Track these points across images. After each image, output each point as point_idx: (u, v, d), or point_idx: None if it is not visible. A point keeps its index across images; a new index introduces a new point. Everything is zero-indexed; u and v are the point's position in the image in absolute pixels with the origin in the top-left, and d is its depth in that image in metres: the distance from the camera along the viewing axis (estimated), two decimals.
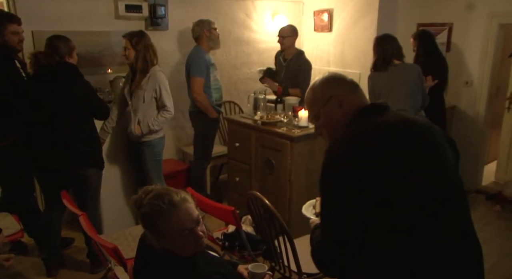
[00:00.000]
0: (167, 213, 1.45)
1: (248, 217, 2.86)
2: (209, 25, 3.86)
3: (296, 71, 4.03)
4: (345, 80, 1.46)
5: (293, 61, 4.07)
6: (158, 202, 1.47)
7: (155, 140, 3.30)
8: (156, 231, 1.49)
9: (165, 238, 1.47)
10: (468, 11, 4.36)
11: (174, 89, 3.85)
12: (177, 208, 1.47)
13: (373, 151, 1.24)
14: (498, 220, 3.86)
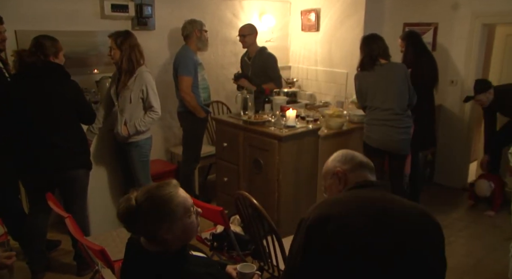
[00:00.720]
0: (175, 196, 1.50)
1: (236, 217, 2.86)
2: (201, 26, 3.89)
3: (262, 67, 4.16)
4: (351, 159, 1.69)
5: (257, 57, 4.16)
6: (161, 190, 1.49)
7: (142, 141, 3.28)
8: (164, 221, 1.47)
9: (175, 224, 1.48)
10: (453, 11, 4.42)
11: (162, 89, 3.83)
12: (178, 189, 1.53)
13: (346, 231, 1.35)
14: (484, 217, 3.91)
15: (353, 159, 1.68)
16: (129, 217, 1.47)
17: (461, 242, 3.58)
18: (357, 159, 1.69)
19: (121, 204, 1.49)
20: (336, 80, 5.07)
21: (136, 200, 1.48)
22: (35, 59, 2.70)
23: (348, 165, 1.66)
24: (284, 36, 5.50)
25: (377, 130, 3.31)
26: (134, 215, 1.46)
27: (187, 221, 1.51)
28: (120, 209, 1.48)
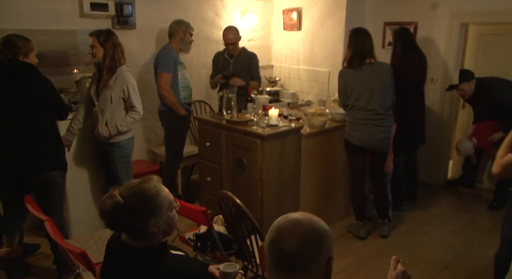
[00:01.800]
0: (160, 190, 1.54)
1: (220, 216, 2.85)
2: (187, 28, 3.89)
3: (247, 66, 4.22)
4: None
5: (242, 56, 4.20)
6: (146, 185, 1.52)
7: (124, 141, 3.24)
8: (152, 216, 1.50)
9: (161, 217, 1.52)
10: (432, 11, 4.48)
11: (143, 89, 3.79)
12: (161, 185, 1.57)
13: None
14: (463, 212, 3.99)
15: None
16: (115, 214, 1.47)
17: (442, 237, 3.65)
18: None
19: (105, 201, 1.49)
20: (318, 79, 5.10)
21: (122, 196, 1.48)
22: (2, 58, 2.64)
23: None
24: (266, 35, 5.51)
25: (361, 129, 3.34)
26: (121, 211, 1.46)
27: (170, 214, 1.57)
28: (106, 206, 1.47)
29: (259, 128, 3.27)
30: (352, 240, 3.58)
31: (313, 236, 1.20)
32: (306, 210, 3.38)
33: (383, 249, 3.45)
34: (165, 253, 1.57)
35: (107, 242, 1.62)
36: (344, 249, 3.44)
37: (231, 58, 4.20)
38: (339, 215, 3.91)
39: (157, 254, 1.53)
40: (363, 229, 3.61)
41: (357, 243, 3.54)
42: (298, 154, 3.42)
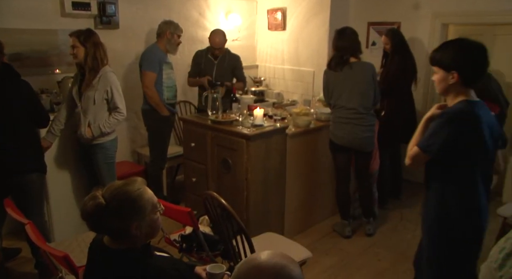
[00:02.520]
0: (144, 192, 1.52)
1: (205, 217, 2.84)
2: (175, 29, 3.87)
3: (232, 67, 4.24)
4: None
5: (226, 57, 4.20)
6: (130, 187, 1.50)
7: (108, 142, 3.20)
8: (135, 218, 1.48)
9: (144, 220, 1.50)
10: (415, 11, 4.54)
11: (128, 89, 3.76)
12: (145, 187, 1.55)
13: None
14: None
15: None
16: (97, 215, 1.45)
17: None
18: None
19: (87, 203, 1.47)
20: (303, 79, 5.12)
21: (104, 198, 1.46)
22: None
23: None
24: (251, 35, 5.50)
25: (342, 128, 3.36)
26: (103, 213, 1.44)
27: (153, 217, 1.54)
28: (88, 207, 1.45)
29: (244, 128, 3.26)
30: (338, 239, 3.60)
31: None
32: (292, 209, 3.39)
33: (368, 248, 3.48)
34: (148, 254, 1.55)
35: (90, 245, 1.60)
36: (330, 248, 3.46)
37: (215, 60, 4.18)
38: (325, 214, 3.93)
39: (140, 256, 1.51)
40: (348, 228, 3.63)
41: (343, 242, 3.56)
42: (283, 154, 3.42)
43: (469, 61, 1.93)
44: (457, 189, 2.00)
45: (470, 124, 1.92)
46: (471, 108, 1.93)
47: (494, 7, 3.98)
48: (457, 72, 1.93)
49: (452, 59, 1.95)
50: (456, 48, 1.97)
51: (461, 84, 1.95)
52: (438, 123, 1.96)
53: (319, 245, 3.48)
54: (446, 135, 1.92)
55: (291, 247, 2.63)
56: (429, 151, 1.98)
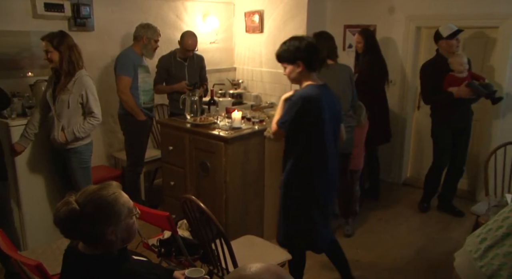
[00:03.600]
0: (119, 197, 1.49)
1: (184, 221, 2.81)
2: (153, 34, 3.80)
3: (199, 68, 4.30)
4: None
5: (195, 58, 4.23)
6: (104, 192, 1.47)
7: (82, 147, 3.13)
8: (110, 223, 1.45)
9: (119, 225, 1.47)
10: (389, 15, 4.62)
11: (103, 93, 3.69)
12: (121, 192, 1.52)
13: None
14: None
15: None
16: (71, 221, 1.41)
17: (403, 234, 3.75)
18: None
19: (60, 208, 1.43)
20: (281, 81, 5.13)
21: (78, 203, 1.43)
22: None
23: None
24: (228, 37, 5.50)
25: None
26: (77, 219, 1.41)
27: (129, 222, 1.52)
28: (60, 213, 1.42)
29: (223, 131, 3.25)
30: None
31: None
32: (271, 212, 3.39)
33: (347, 248, 3.48)
34: (125, 259, 1.53)
35: (64, 252, 1.56)
36: None
37: (185, 62, 4.16)
38: None
39: (115, 260, 1.49)
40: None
41: None
42: (262, 156, 3.42)
43: (307, 50, 2.42)
44: (302, 156, 2.48)
45: (311, 104, 2.39)
46: (314, 90, 2.42)
47: (466, 11, 4.08)
48: (301, 61, 2.41)
49: (294, 52, 2.42)
50: (295, 43, 2.44)
51: (306, 70, 2.45)
52: (289, 104, 2.43)
53: None
54: (294, 113, 2.38)
55: (270, 249, 2.63)
56: (283, 126, 2.44)
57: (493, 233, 1.37)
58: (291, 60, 2.45)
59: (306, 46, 2.42)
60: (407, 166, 4.99)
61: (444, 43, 3.74)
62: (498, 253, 1.32)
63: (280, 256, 2.54)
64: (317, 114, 2.41)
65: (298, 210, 2.56)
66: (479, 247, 1.40)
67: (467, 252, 1.43)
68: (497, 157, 3.39)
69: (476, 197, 4.30)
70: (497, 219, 1.40)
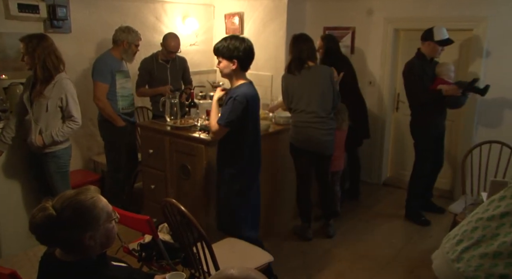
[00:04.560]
0: (98, 201, 1.46)
1: (165, 225, 2.79)
2: (134, 39, 3.73)
3: (182, 70, 4.29)
4: None
5: (177, 60, 4.22)
6: (82, 196, 1.44)
7: (60, 151, 3.07)
8: (88, 229, 1.42)
9: (98, 230, 1.44)
10: (368, 17, 4.68)
11: (82, 96, 3.62)
12: (99, 196, 1.50)
13: None
14: (401, 209, 4.17)
15: None
16: (47, 228, 1.38)
17: (383, 234, 3.80)
18: None
19: (36, 214, 1.39)
20: (261, 83, 5.13)
21: (55, 208, 1.39)
22: None
23: None
24: (208, 39, 5.48)
25: (303, 132, 3.40)
26: (53, 225, 1.37)
27: (109, 226, 1.49)
28: (36, 220, 1.38)
29: (203, 133, 3.23)
30: (299, 241, 3.63)
31: None
32: None
33: (329, 249, 3.53)
34: (104, 265, 1.50)
35: (40, 259, 1.52)
36: (291, 251, 3.48)
37: (167, 64, 4.12)
38: (287, 217, 3.96)
39: (94, 267, 1.46)
40: (309, 230, 3.67)
41: (304, 244, 3.59)
42: None
43: (244, 52, 2.59)
44: (244, 151, 2.70)
45: (253, 102, 2.64)
46: (251, 89, 2.67)
47: (441, 14, 4.17)
48: (237, 60, 2.58)
49: (233, 50, 2.57)
50: (235, 43, 2.58)
51: (239, 69, 2.63)
52: (234, 103, 2.56)
53: (280, 248, 3.49)
54: (240, 111, 2.56)
55: (252, 251, 2.62)
56: (230, 125, 2.60)
57: (468, 234, 1.40)
58: (227, 57, 2.61)
59: (244, 49, 2.60)
60: (387, 166, 5.05)
61: (431, 44, 3.69)
62: (474, 255, 1.35)
63: (262, 258, 2.53)
64: (255, 111, 2.70)
65: (241, 201, 2.79)
66: (455, 248, 1.42)
67: (444, 253, 1.46)
68: (474, 156, 3.47)
69: (455, 196, 4.38)
70: (471, 220, 1.43)
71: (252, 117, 2.68)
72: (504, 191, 1.38)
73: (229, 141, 2.73)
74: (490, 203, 1.40)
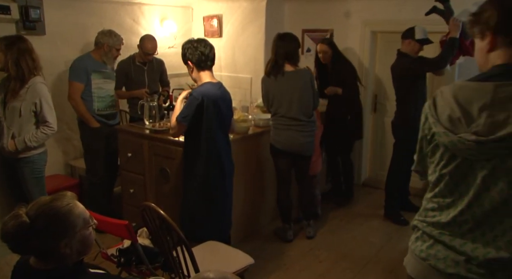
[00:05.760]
0: (74, 207, 1.43)
1: (144, 229, 2.75)
2: (115, 43, 3.70)
3: (159, 72, 4.26)
4: None
5: (154, 63, 4.18)
6: (58, 203, 1.40)
7: (35, 156, 3.00)
8: (63, 236, 1.38)
9: (74, 237, 1.40)
10: (346, 19, 4.73)
11: (58, 99, 3.57)
12: (76, 199, 1.47)
13: None
14: (380, 209, 4.23)
15: None
16: (20, 236, 1.34)
17: (363, 234, 3.84)
18: None
19: (8, 222, 1.35)
20: (240, 85, 5.14)
21: (28, 216, 1.35)
22: None
23: None
24: None
25: (283, 134, 3.41)
26: (27, 233, 1.34)
27: (85, 233, 1.45)
28: (9, 227, 1.34)
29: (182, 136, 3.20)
30: (280, 243, 3.64)
31: None
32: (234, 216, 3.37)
33: (309, 250, 3.54)
34: (81, 272, 1.46)
35: (13, 268, 1.48)
36: (272, 252, 3.48)
37: (144, 66, 4.09)
38: (268, 219, 3.96)
39: (71, 274, 1.42)
40: (289, 231, 3.68)
41: (285, 246, 3.60)
42: None
43: (192, 52, 2.71)
44: (203, 149, 2.75)
45: (210, 100, 2.67)
46: (212, 87, 2.73)
47: (417, 16, 4.22)
48: (191, 61, 2.73)
49: (184, 54, 2.75)
50: (185, 46, 2.75)
51: (196, 70, 2.76)
52: (190, 99, 2.67)
53: (261, 250, 3.49)
54: (195, 108, 2.63)
55: (233, 254, 2.61)
56: (184, 121, 2.66)
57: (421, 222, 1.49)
58: (184, 62, 2.77)
59: (189, 49, 2.72)
60: (366, 167, 5.11)
61: (412, 43, 3.73)
62: (425, 242, 1.45)
63: (243, 261, 2.52)
64: (214, 109, 2.71)
65: (204, 205, 2.84)
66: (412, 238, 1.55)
67: (409, 246, 1.57)
68: None
69: None
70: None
71: (210, 117, 2.70)
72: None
73: (188, 141, 2.80)
74: None
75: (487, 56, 1.30)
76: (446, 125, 1.28)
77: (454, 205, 1.33)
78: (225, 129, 2.89)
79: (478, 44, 1.33)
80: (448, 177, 1.33)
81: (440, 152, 1.34)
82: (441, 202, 1.37)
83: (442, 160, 1.34)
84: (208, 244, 2.70)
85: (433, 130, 1.34)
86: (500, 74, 1.24)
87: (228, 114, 2.90)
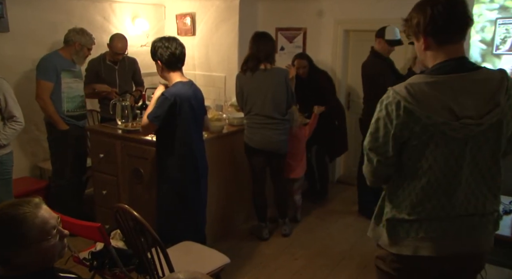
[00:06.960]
0: (30, 217, 1.32)
1: (117, 231, 2.70)
2: (87, 42, 3.61)
3: (131, 71, 4.19)
4: None
5: (126, 62, 4.11)
6: (14, 210, 1.31)
7: (4, 157, 2.90)
8: (14, 245, 1.30)
9: (28, 249, 1.31)
10: (319, 18, 4.77)
11: (24, 99, 3.44)
12: (40, 208, 1.36)
13: None
14: (354, 206, 4.29)
15: None
16: None
17: (337, 231, 3.88)
18: None
19: None
20: (214, 84, 5.11)
21: None
22: None
23: None
24: None
25: (258, 132, 3.41)
26: None
27: (45, 245, 1.35)
28: None
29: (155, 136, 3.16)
30: (256, 242, 3.64)
31: None
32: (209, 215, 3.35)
33: (285, 248, 3.56)
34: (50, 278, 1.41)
35: None
36: (248, 251, 3.48)
37: (115, 65, 4.01)
38: (243, 218, 3.95)
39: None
40: (265, 230, 3.68)
41: (261, 244, 3.60)
42: None
43: (161, 52, 2.67)
44: (175, 148, 2.72)
45: (182, 99, 2.65)
46: (184, 87, 2.70)
47: (389, 15, 4.29)
48: (160, 60, 2.69)
49: (154, 53, 2.70)
50: (155, 45, 2.70)
51: (166, 69, 2.72)
52: (162, 99, 2.63)
53: (238, 249, 3.48)
54: (167, 107, 2.61)
55: (208, 254, 2.59)
56: (156, 121, 2.63)
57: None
58: (154, 60, 2.73)
59: (159, 48, 2.67)
60: (339, 164, 5.17)
61: (382, 42, 3.79)
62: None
63: (218, 261, 2.51)
64: (187, 108, 2.69)
65: (178, 205, 2.80)
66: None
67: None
68: None
69: None
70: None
71: (184, 117, 2.68)
72: None
73: (161, 142, 2.78)
74: None
75: (425, 53, 1.50)
76: (444, 115, 1.38)
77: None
78: (199, 127, 2.87)
79: (416, 44, 1.53)
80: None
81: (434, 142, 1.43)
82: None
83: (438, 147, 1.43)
84: (183, 244, 2.67)
85: (426, 122, 1.39)
86: (456, 67, 1.43)
87: (201, 113, 2.88)
